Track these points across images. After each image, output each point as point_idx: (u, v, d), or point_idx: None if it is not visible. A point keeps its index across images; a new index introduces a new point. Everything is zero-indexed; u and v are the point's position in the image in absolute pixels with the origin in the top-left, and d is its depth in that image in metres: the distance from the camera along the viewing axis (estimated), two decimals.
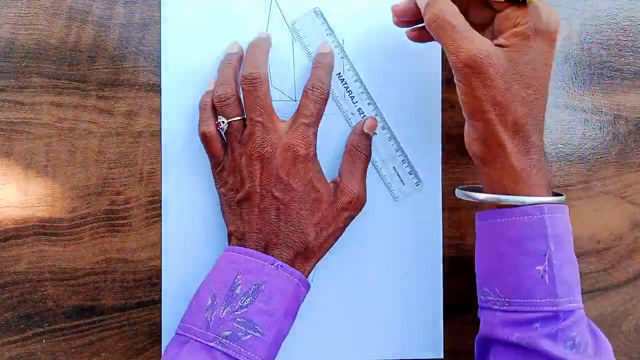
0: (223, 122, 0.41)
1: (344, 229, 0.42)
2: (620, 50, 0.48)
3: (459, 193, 0.41)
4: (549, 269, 0.36)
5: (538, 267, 0.36)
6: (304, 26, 0.45)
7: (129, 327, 0.45)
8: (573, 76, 0.48)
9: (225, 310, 0.37)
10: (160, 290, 0.45)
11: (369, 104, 0.45)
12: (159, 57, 0.45)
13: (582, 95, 0.48)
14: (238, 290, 0.38)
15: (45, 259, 0.44)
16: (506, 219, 0.37)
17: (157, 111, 0.45)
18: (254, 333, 0.37)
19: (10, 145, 0.44)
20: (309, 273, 0.41)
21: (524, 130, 0.37)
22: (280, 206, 0.39)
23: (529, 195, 0.37)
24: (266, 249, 0.40)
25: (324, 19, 0.45)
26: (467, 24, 0.36)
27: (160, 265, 0.45)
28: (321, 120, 0.42)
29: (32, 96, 0.44)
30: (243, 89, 0.41)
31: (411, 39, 0.43)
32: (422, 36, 0.42)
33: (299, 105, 0.41)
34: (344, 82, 0.45)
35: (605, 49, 0.48)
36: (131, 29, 0.45)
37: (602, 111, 0.48)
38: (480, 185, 0.40)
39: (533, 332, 0.36)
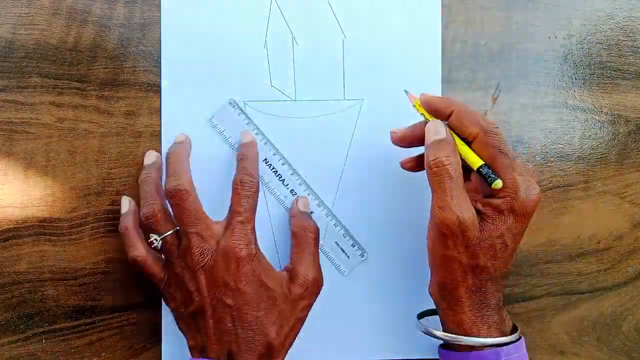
0: (156, 240, 0.39)
1: (305, 317, 0.41)
2: (620, 50, 0.48)
3: (418, 325, 0.41)
4: None
5: None
6: (222, 119, 0.44)
7: (129, 327, 0.45)
8: (573, 76, 0.48)
9: None
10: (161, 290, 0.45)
11: (300, 184, 0.45)
12: (159, 57, 0.45)
13: (582, 95, 0.48)
14: None
15: (45, 259, 0.44)
16: None
17: (157, 111, 0.45)
18: None
19: (10, 145, 0.44)
20: None
21: (482, 292, 0.38)
22: (234, 313, 0.38)
23: (485, 337, 0.37)
24: (229, 358, 0.38)
25: (240, 109, 0.44)
26: (461, 185, 0.36)
27: None
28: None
29: (32, 96, 0.44)
30: (170, 203, 0.39)
31: (404, 169, 0.42)
32: (415, 167, 0.42)
33: (230, 202, 0.40)
34: (271, 167, 0.45)
35: (605, 49, 0.48)
36: (131, 29, 0.45)
37: (602, 111, 0.48)
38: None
39: None
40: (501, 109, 0.47)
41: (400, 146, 0.41)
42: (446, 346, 0.40)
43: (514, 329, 0.40)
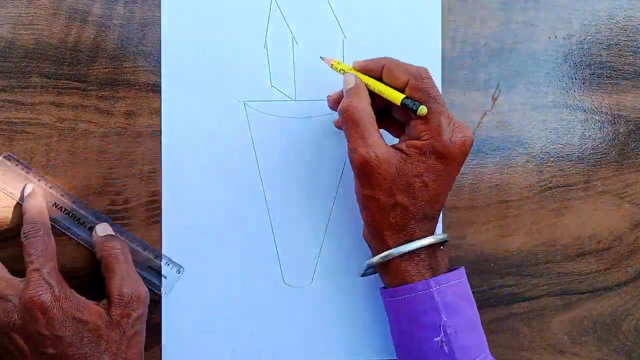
0: None
1: (142, 331, 0.41)
2: (620, 50, 0.48)
3: (359, 273, 0.42)
4: (445, 339, 0.38)
5: (436, 339, 0.38)
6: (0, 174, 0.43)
7: None
8: (573, 76, 0.48)
9: None
10: (160, 290, 0.45)
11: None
12: (159, 57, 0.45)
13: (582, 95, 0.48)
14: None
15: None
16: (400, 297, 0.39)
17: (157, 111, 0.45)
18: None
19: (10, 145, 0.44)
20: None
21: (407, 232, 0.39)
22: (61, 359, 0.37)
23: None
24: None
25: (17, 160, 0.43)
26: (372, 125, 0.39)
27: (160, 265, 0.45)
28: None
29: (32, 96, 0.44)
30: None
31: (336, 127, 0.44)
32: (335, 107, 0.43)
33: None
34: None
35: (605, 49, 0.48)
36: (131, 29, 0.45)
37: (602, 111, 0.48)
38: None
39: None
40: (501, 109, 0.47)
41: (336, 110, 0.42)
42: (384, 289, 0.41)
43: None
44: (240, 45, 0.45)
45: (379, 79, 0.40)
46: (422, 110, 0.38)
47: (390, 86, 0.39)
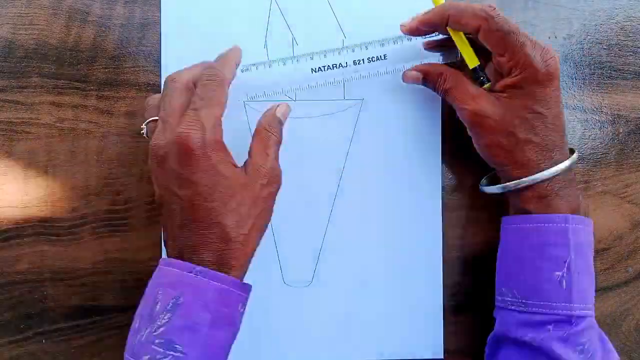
0: (146, 126, 0.38)
1: (271, 208, 0.39)
2: (620, 50, 0.48)
3: (489, 188, 0.42)
4: (568, 276, 0.37)
5: (557, 273, 0.38)
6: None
7: (129, 327, 0.45)
8: (573, 76, 0.48)
9: (146, 332, 0.34)
10: None
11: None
12: (159, 57, 0.45)
13: (582, 95, 0.48)
14: (158, 308, 0.34)
15: (45, 259, 0.44)
16: (531, 225, 0.39)
17: None
18: (174, 353, 0.33)
19: (10, 145, 0.44)
20: (244, 270, 0.37)
21: (541, 162, 0.39)
22: (185, 205, 0.35)
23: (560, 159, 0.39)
24: (182, 256, 0.36)
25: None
26: (466, 85, 0.40)
27: None
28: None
29: (32, 96, 0.44)
30: None
31: (406, 81, 0.44)
32: (436, 47, 0.43)
33: None
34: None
35: (605, 49, 0.48)
36: (131, 29, 0.45)
37: (602, 111, 0.48)
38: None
39: (546, 334, 0.37)
40: None
41: (412, 35, 0.42)
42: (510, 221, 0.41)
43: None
44: (240, 45, 0.45)
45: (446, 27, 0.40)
46: (488, 86, 0.40)
47: (462, 32, 0.40)
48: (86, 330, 0.45)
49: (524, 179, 0.39)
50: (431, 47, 0.43)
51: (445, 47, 0.43)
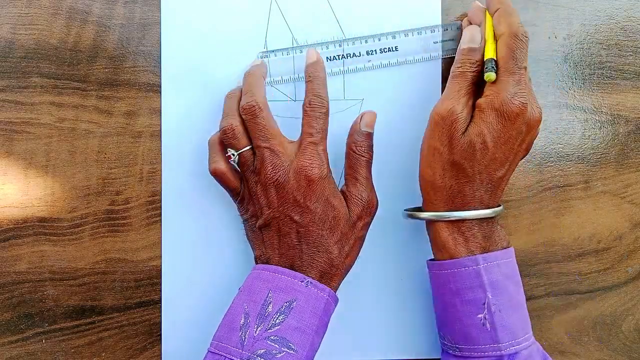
0: (233, 155, 0.41)
1: (364, 237, 0.42)
2: (620, 50, 0.48)
3: (403, 215, 0.43)
4: (489, 316, 0.38)
5: (479, 316, 0.38)
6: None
7: (129, 327, 0.45)
8: (573, 76, 0.48)
9: (258, 329, 0.37)
10: (160, 290, 0.45)
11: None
12: (159, 57, 0.45)
13: (582, 95, 0.48)
14: (270, 308, 0.37)
15: (45, 259, 0.44)
16: (446, 271, 0.40)
17: (157, 111, 0.45)
18: (288, 350, 0.37)
19: (10, 145, 0.44)
20: (337, 288, 0.41)
21: (462, 196, 0.39)
22: (300, 229, 0.39)
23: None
24: (293, 268, 0.39)
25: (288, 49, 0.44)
26: (467, 87, 0.39)
27: (160, 265, 0.45)
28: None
29: (32, 96, 0.44)
30: (244, 120, 0.40)
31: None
32: None
33: (302, 124, 0.41)
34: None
35: (605, 49, 0.48)
36: (131, 29, 0.45)
37: (602, 111, 0.48)
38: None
39: None
40: None
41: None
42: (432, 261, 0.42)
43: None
44: (240, 45, 0.45)
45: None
46: (490, 76, 0.38)
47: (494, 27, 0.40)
48: (86, 330, 0.45)
49: (436, 214, 0.40)
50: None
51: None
